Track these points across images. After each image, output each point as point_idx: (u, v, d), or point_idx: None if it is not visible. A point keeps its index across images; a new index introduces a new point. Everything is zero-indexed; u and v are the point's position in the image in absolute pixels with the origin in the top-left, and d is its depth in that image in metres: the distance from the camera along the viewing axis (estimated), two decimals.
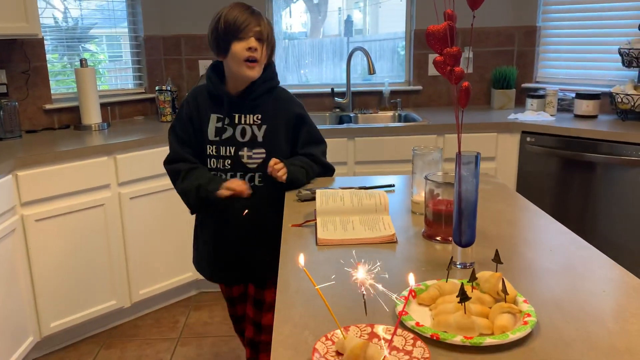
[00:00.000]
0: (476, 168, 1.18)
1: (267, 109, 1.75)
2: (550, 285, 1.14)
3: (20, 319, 2.36)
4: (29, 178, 2.37)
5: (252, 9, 1.75)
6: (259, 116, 1.75)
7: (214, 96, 1.77)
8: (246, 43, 1.68)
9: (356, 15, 4.11)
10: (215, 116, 1.75)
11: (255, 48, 1.69)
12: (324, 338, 0.92)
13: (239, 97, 1.75)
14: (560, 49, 3.54)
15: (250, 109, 1.75)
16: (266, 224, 1.76)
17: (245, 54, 1.68)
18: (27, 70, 2.96)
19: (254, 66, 1.70)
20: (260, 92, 1.75)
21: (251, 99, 1.74)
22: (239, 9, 1.71)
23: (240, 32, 1.68)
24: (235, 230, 1.80)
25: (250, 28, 1.68)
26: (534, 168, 3.02)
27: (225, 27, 1.68)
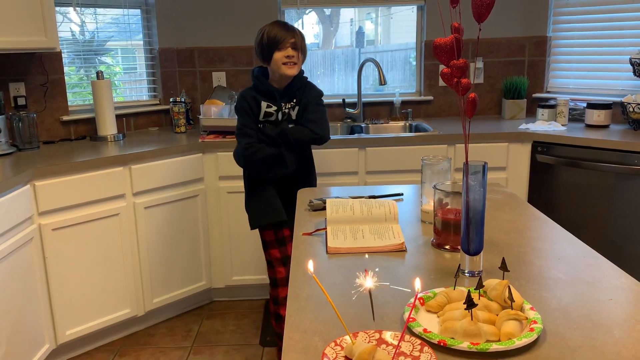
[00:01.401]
0: (483, 177, 1.20)
1: (300, 96, 2.34)
2: (558, 293, 1.15)
3: (36, 327, 2.40)
4: (47, 188, 2.42)
5: (288, 25, 2.30)
6: (295, 100, 2.34)
7: (264, 92, 2.31)
8: (285, 52, 2.24)
9: (368, 26, 4.16)
10: (266, 103, 2.31)
11: (292, 55, 2.25)
12: (333, 343, 0.94)
13: (284, 90, 2.32)
14: (571, 59, 3.54)
15: (291, 98, 2.34)
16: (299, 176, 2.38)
17: (284, 60, 2.24)
18: (45, 83, 3.03)
19: (292, 66, 2.27)
20: (298, 86, 2.34)
21: (293, 90, 2.33)
22: (279, 27, 2.26)
23: (280, 44, 2.24)
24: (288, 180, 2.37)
25: (287, 40, 2.24)
26: (545, 178, 3.02)
27: (268, 40, 2.25)
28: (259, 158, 2.28)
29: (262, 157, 2.28)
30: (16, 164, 2.51)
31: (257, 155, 2.27)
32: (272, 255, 2.43)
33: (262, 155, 2.27)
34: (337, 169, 3.01)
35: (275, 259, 2.43)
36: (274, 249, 2.42)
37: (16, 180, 2.26)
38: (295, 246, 1.48)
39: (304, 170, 2.42)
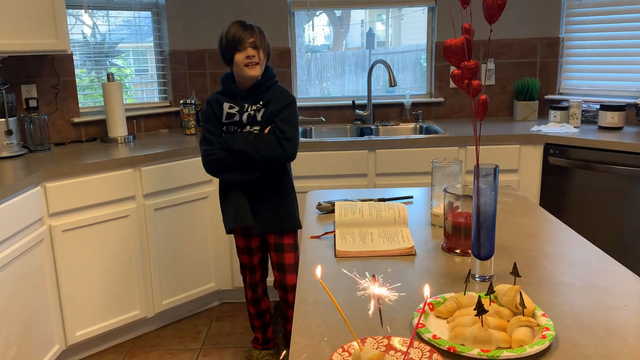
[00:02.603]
0: (495, 181, 1.18)
1: (267, 99, 2.22)
2: (570, 299, 1.13)
3: (46, 328, 2.41)
4: (57, 189, 2.43)
5: (246, 24, 2.19)
6: (261, 102, 2.22)
7: (228, 93, 2.24)
8: (245, 53, 2.15)
9: (378, 27, 4.14)
10: (228, 104, 2.23)
11: (253, 55, 2.16)
12: (341, 349, 0.93)
13: (248, 91, 2.22)
14: (584, 60, 3.50)
15: (256, 99, 2.23)
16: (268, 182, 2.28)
17: (245, 61, 2.16)
18: (57, 85, 3.05)
19: (254, 67, 2.17)
20: (264, 87, 2.22)
21: (258, 92, 2.22)
22: (236, 27, 2.17)
23: (238, 44, 2.15)
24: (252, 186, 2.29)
25: (245, 40, 2.15)
26: (557, 181, 2.98)
27: (227, 43, 2.17)
28: (220, 166, 2.23)
29: (222, 165, 2.22)
30: (27, 166, 2.52)
31: (217, 163, 2.22)
32: (240, 260, 2.52)
33: (222, 163, 2.21)
34: (346, 171, 3.00)
35: (244, 264, 2.50)
36: (243, 255, 2.48)
37: (27, 182, 2.27)
38: (303, 250, 1.47)
39: (274, 175, 2.31)
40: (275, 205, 2.32)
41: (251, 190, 2.29)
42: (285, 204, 2.34)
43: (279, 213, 2.33)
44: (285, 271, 2.41)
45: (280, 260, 2.40)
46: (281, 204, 2.33)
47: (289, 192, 2.38)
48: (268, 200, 2.31)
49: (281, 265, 2.41)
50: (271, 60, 3.55)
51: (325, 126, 3.56)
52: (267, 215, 2.32)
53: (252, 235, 2.41)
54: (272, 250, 2.41)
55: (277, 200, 2.32)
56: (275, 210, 2.33)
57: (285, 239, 2.39)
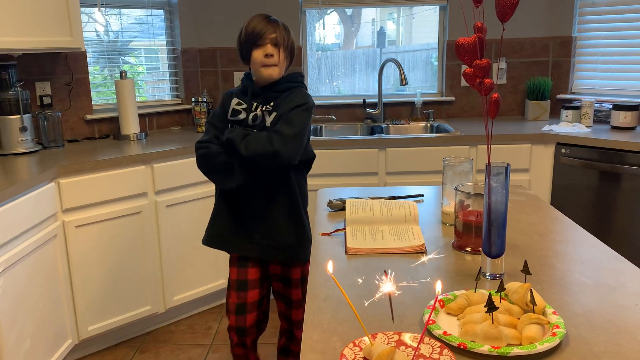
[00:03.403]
0: (506, 179, 1.19)
1: (280, 100, 1.88)
2: (581, 297, 1.13)
3: (59, 322, 2.44)
4: (71, 186, 2.46)
5: (270, 18, 1.90)
6: (272, 104, 1.88)
7: (243, 89, 1.96)
8: (263, 50, 1.84)
9: (389, 26, 4.14)
10: (237, 100, 1.93)
11: (272, 54, 1.84)
12: (352, 344, 0.93)
13: (262, 89, 1.91)
14: (597, 59, 3.48)
15: (268, 100, 1.89)
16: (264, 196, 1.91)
17: (262, 60, 1.84)
18: (70, 82, 3.08)
19: (271, 68, 1.86)
20: (280, 88, 1.89)
21: (272, 91, 1.89)
22: (257, 20, 1.88)
23: (258, 39, 1.85)
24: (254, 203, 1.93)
25: (266, 35, 1.84)
26: (569, 180, 2.97)
27: (246, 36, 1.87)
28: (208, 163, 1.88)
29: (211, 162, 1.87)
30: (41, 162, 2.55)
31: (205, 160, 1.88)
32: (228, 298, 2.04)
33: (209, 158, 1.86)
34: (356, 169, 3.01)
35: (230, 303, 2.02)
36: (233, 291, 2.00)
37: (41, 178, 2.30)
38: (314, 246, 1.48)
39: (273, 188, 1.90)
40: (269, 228, 1.91)
41: (245, 202, 1.92)
42: (284, 228, 1.91)
43: (273, 239, 1.91)
44: (292, 306, 2.09)
45: (287, 294, 2.07)
46: (278, 227, 1.91)
47: (295, 214, 1.93)
48: (261, 220, 1.91)
49: (287, 298, 2.08)
50: None
51: (335, 124, 3.56)
52: (257, 239, 1.93)
53: (248, 264, 1.98)
54: (277, 281, 2.06)
55: (274, 222, 1.91)
56: (268, 234, 1.91)
57: (292, 273, 2.02)
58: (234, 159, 1.82)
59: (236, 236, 1.95)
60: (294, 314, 2.09)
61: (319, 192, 2.01)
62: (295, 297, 2.06)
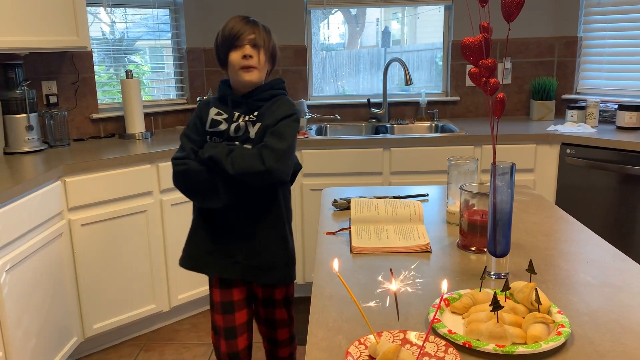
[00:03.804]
0: (511, 179, 1.19)
1: (265, 110, 1.76)
2: (586, 297, 1.13)
3: (65, 320, 2.46)
4: (76, 184, 2.47)
5: (249, 18, 1.79)
6: (255, 113, 1.76)
7: (222, 98, 1.83)
8: (241, 51, 1.73)
9: (394, 26, 4.14)
10: (216, 110, 1.79)
11: (250, 55, 1.73)
12: (357, 342, 0.94)
13: (243, 97, 1.78)
14: (602, 59, 3.47)
15: (251, 110, 1.77)
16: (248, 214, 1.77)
17: (241, 62, 1.73)
18: (76, 82, 3.10)
19: (251, 70, 1.74)
20: (263, 96, 1.77)
21: (254, 99, 1.77)
22: (235, 20, 1.78)
23: (235, 40, 1.74)
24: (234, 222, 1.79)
25: (244, 37, 1.73)
26: (574, 180, 2.97)
27: (223, 38, 1.76)
28: (188, 181, 1.72)
29: (188, 178, 1.71)
30: (47, 160, 2.57)
31: (184, 177, 1.72)
32: (212, 321, 1.93)
33: (189, 176, 1.71)
34: (361, 169, 3.01)
35: (218, 327, 1.90)
36: (217, 314, 1.89)
37: (47, 176, 2.31)
38: (319, 245, 1.49)
39: (258, 204, 1.78)
40: (252, 248, 1.78)
41: (225, 221, 1.78)
42: (269, 248, 1.79)
43: (257, 259, 1.78)
44: (276, 327, 1.97)
45: (270, 315, 1.95)
46: (262, 247, 1.78)
47: (280, 232, 1.81)
48: (244, 239, 1.78)
49: (271, 320, 1.96)
50: (286, 58, 3.61)
51: (340, 124, 3.57)
52: (239, 260, 1.79)
53: (232, 285, 1.87)
54: (260, 304, 1.95)
55: (257, 241, 1.78)
56: (251, 254, 1.78)
57: (276, 293, 1.92)
58: (218, 178, 1.68)
59: (216, 257, 1.81)
60: (279, 334, 1.97)
61: (324, 191, 2.02)
62: (279, 316, 1.95)
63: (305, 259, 3.13)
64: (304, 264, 3.14)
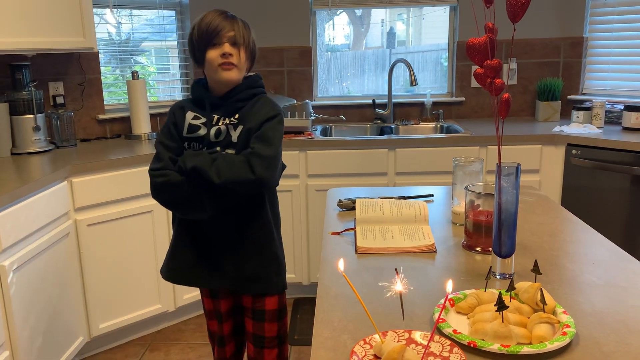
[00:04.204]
0: (516, 179, 1.19)
1: (246, 111, 1.66)
2: (591, 297, 1.13)
3: (71, 320, 2.47)
4: (83, 185, 2.49)
5: (227, 13, 1.66)
6: (236, 116, 1.65)
7: (197, 101, 1.71)
8: (220, 49, 1.61)
9: (399, 27, 4.14)
10: (193, 114, 1.67)
11: (230, 53, 1.61)
12: (363, 342, 0.94)
13: (221, 98, 1.67)
14: (608, 60, 3.47)
15: (230, 112, 1.66)
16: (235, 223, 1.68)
17: (220, 60, 1.61)
18: (83, 82, 3.11)
19: (230, 68, 1.62)
20: (243, 96, 1.67)
21: (233, 100, 1.66)
22: (213, 15, 1.64)
23: (213, 38, 1.61)
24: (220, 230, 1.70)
25: (223, 34, 1.61)
26: (580, 181, 2.96)
27: (199, 35, 1.63)
28: (169, 193, 1.62)
29: (172, 192, 1.61)
30: (54, 161, 2.58)
31: (165, 189, 1.61)
32: (207, 326, 1.93)
33: (173, 189, 1.60)
34: (366, 169, 3.01)
35: (212, 332, 1.91)
36: (211, 320, 1.89)
37: (54, 177, 2.33)
38: (324, 245, 1.49)
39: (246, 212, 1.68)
40: (240, 257, 1.69)
41: (209, 230, 1.69)
42: (257, 256, 1.70)
43: (245, 269, 1.69)
44: (264, 345, 1.80)
45: (259, 331, 1.79)
46: (251, 256, 1.69)
47: (268, 239, 1.72)
48: (231, 249, 1.69)
49: (259, 337, 1.80)
50: (291, 60, 3.62)
51: (345, 125, 3.57)
52: (227, 270, 1.70)
53: (219, 295, 1.81)
54: (249, 316, 1.80)
55: (245, 250, 1.69)
56: (239, 264, 1.69)
57: (267, 304, 1.76)
58: (202, 188, 1.58)
59: (202, 269, 1.72)
60: (267, 355, 1.80)
61: (329, 191, 2.02)
62: (268, 333, 1.79)
63: (310, 260, 3.13)
64: (309, 264, 3.14)
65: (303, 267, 3.15)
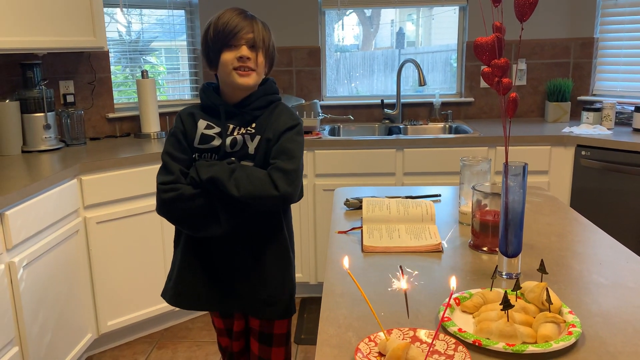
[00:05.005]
0: (523, 179, 1.19)
1: (263, 120, 1.55)
2: (598, 298, 1.12)
3: (80, 317, 2.49)
4: (92, 183, 2.50)
5: (246, 13, 1.55)
6: (254, 125, 1.54)
7: (208, 108, 1.59)
8: (237, 52, 1.50)
9: (409, 27, 4.13)
10: (205, 123, 1.56)
11: (248, 57, 1.50)
12: (367, 339, 0.94)
13: (236, 106, 1.55)
14: (619, 60, 3.44)
15: (247, 121, 1.55)
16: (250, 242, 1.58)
17: (235, 64, 1.50)
18: (93, 81, 3.14)
19: (247, 74, 1.51)
20: (259, 104, 1.56)
21: (251, 109, 1.55)
22: (231, 14, 1.53)
23: (230, 39, 1.50)
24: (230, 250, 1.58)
25: (241, 35, 1.49)
26: (589, 183, 2.94)
27: (215, 34, 1.52)
28: (181, 209, 1.49)
29: (184, 208, 1.49)
30: (64, 159, 2.61)
31: (176, 205, 1.49)
32: (221, 342, 1.84)
33: (182, 203, 1.48)
34: (374, 169, 3.01)
35: (223, 347, 1.83)
36: (222, 337, 1.82)
37: (64, 175, 2.34)
38: (331, 244, 1.49)
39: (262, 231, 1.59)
40: (257, 280, 1.58)
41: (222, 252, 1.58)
42: (274, 278, 1.60)
43: (261, 293, 1.59)
44: None
45: (265, 355, 1.71)
46: (268, 279, 1.59)
47: (286, 263, 1.63)
48: (246, 271, 1.58)
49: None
50: (300, 60, 3.63)
51: (353, 125, 3.57)
52: (240, 294, 1.60)
53: (233, 316, 1.73)
54: (256, 338, 1.71)
55: (261, 272, 1.58)
56: (255, 288, 1.59)
57: (276, 327, 1.68)
58: (217, 202, 1.47)
59: (214, 292, 1.60)
60: None
61: (336, 191, 2.02)
62: (275, 357, 1.71)
63: (317, 259, 3.14)
64: (316, 264, 3.14)
65: (310, 266, 3.15)
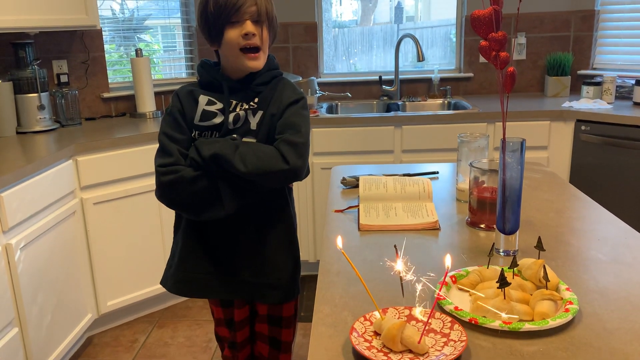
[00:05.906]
0: (521, 155, 1.17)
1: (265, 95, 1.49)
2: (596, 274, 1.11)
3: (80, 297, 2.49)
4: (88, 163, 2.49)
5: None
6: (256, 100, 1.48)
7: (209, 84, 1.52)
8: (241, 28, 1.41)
9: (407, 1, 4.07)
10: (207, 98, 1.49)
11: (254, 33, 1.42)
12: (363, 318, 0.94)
13: (240, 82, 1.49)
14: (620, 33, 3.39)
15: (250, 96, 1.49)
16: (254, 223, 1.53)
17: (242, 42, 1.42)
18: (87, 61, 3.10)
19: (257, 56, 1.45)
20: (263, 79, 1.50)
21: (255, 84, 1.49)
22: None
23: (233, 14, 1.40)
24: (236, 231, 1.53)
25: (244, 9, 1.40)
26: (589, 158, 2.92)
27: (215, 9, 1.42)
28: (181, 192, 1.42)
29: (185, 191, 1.42)
30: (59, 140, 2.58)
31: (176, 188, 1.42)
32: (216, 331, 1.78)
33: (183, 186, 1.41)
34: (372, 147, 2.99)
35: (222, 337, 1.76)
36: (220, 327, 1.75)
37: (59, 155, 2.33)
38: (328, 223, 1.48)
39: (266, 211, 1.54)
40: (262, 264, 1.53)
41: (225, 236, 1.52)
42: (280, 261, 1.55)
43: (267, 276, 1.53)
44: (280, 349, 1.70)
45: (275, 335, 1.69)
46: (274, 262, 1.54)
47: (291, 240, 1.59)
48: (251, 255, 1.53)
49: (275, 340, 1.70)
50: (297, 36, 3.57)
51: (351, 102, 3.54)
52: (245, 278, 1.54)
53: (234, 304, 1.67)
54: (265, 322, 1.68)
55: (266, 255, 1.53)
56: (260, 271, 1.53)
57: (284, 310, 1.66)
58: (220, 181, 1.40)
59: (217, 277, 1.54)
60: (282, 357, 1.72)
61: (333, 169, 2.01)
62: (285, 338, 1.69)
63: (316, 237, 3.13)
64: (315, 242, 3.14)
65: (309, 244, 3.15)
